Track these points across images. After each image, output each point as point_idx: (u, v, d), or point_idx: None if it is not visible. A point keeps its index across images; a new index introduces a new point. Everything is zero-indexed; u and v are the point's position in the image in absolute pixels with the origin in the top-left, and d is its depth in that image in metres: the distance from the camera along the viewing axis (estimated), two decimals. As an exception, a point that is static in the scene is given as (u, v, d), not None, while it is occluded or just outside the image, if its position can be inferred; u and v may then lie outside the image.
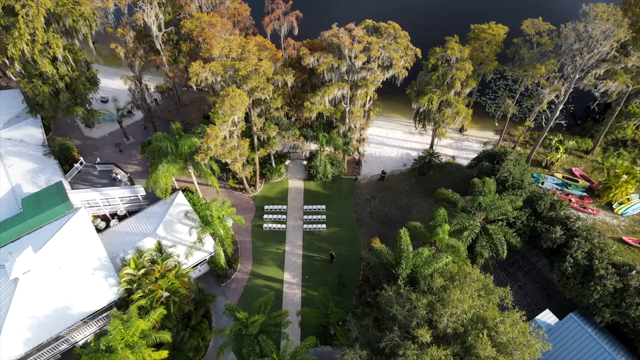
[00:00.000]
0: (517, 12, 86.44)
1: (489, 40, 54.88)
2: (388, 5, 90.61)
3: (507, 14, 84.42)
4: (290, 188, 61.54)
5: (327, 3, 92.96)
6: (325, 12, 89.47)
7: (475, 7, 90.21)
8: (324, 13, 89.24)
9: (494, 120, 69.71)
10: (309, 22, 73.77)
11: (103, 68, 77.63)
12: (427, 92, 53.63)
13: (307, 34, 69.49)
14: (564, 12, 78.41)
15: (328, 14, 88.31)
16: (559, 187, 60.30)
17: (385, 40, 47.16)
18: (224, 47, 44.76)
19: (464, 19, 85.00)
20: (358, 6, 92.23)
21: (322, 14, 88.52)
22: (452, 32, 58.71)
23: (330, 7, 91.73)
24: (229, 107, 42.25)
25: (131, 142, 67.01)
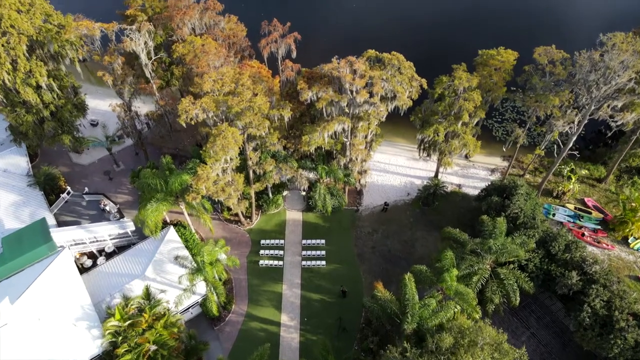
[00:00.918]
0: (526, 32, 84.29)
1: (497, 67, 51.86)
2: (391, 30, 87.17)
3: (515, 35, 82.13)
4: (288, 220, 58.44)
5: (328, 25, 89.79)
6: (326, 34, 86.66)
7: (482, 29, 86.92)
8: (324, 35, 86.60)
9: (501, 145, 66.50)
10: (308, 44, 70.87)
11: (94, 88, 74.60)
12: (433, 123, 50.61)
13: (306, 55, 66.54)
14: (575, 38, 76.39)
15: (328, 36, 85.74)
16: (571, 220, 57.23)
17: (388, 72, 44.12)
18: (216, 81, 41.69)
19: (470, 40, 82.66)
20: (361, 30, 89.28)
21: (321, 35, 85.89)
22: (458, 54, 55.98)
23: (330, 30, 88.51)
24: (221, 147, 39.20)
25: (121, 169, 63.92)
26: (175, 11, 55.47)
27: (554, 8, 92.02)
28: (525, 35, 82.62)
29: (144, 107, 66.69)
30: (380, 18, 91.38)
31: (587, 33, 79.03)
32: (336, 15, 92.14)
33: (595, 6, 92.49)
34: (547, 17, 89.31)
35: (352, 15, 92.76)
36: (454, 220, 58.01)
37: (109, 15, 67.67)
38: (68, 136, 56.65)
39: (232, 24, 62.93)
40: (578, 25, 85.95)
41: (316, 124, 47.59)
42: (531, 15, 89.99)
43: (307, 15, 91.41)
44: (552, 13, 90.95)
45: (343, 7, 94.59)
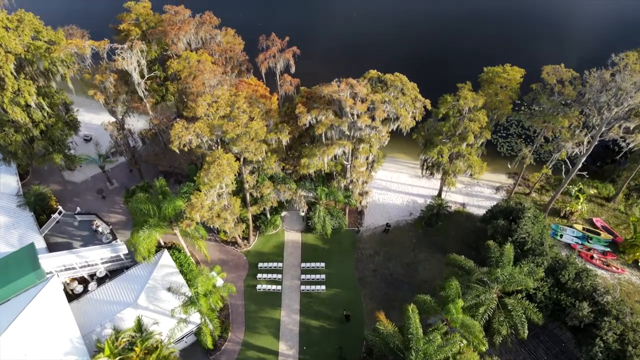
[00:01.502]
0: (533, 45, 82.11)
1: (503, 85, 49.96)
2: (392, 39, 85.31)
3: (521, 48, 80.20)
4: (286, 241, 56.52)
5: (328, 35, 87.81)
6: (325, 45, 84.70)
7: (485, 36, 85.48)
8: (324, 45, 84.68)
9: (506, 162, 64.70)
10: (308, 54, 69.06)
11: (88, 102, 72.55)
12: (437, 144, 48.73)
13: (306, 68, 64.70)
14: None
15: (328, 47, 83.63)
16: (579, 241, 55.32)
17: (391, 93, 42.24)
18: (211, 105, 39.80)
19: (473, 47, 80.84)
20: (361, 39, 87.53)
21: (321, 45, 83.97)
22: (460, 60, 54.13)
23: (330, 41, 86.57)
24: (216, 175, 37.31)
25: (115, 187, 62.03)
26: (170, 26, 53.68)
27: (561, 20, 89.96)
28: (532, 49, 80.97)
29: (138, 124, 64.97)
30: (380, 27, 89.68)
31: (598, 46, 77.61)
32: (336, 25, 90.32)
33: (605, 21, 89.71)
34: (555, 29, 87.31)
35: (352, 24, 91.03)
36: (458, 242, 56.24)
37: (105, 24, 66.15)
38: (59, 155, 54.79)
39: (229, 37, 61.13)
40: (587, 37, 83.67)
41: (315, 146, 45.66)
42: (537, 27, 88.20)
43: (307, 26, 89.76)
44: (559, 25, 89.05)
45: (343, 17, 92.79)
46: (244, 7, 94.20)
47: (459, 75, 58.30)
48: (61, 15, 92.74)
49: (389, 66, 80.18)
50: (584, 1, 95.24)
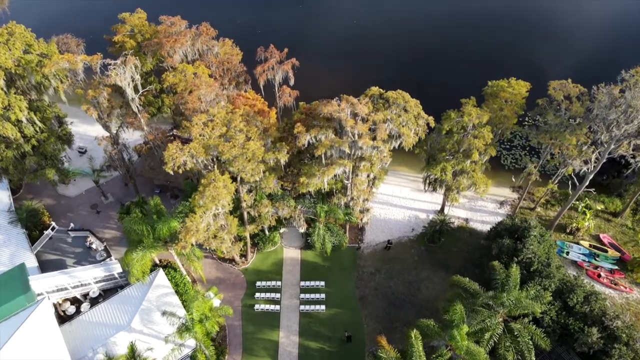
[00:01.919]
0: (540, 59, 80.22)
1: (508, 100, 48.55)
2: (392, 47, 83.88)
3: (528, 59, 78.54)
4: (285, 259, 55.06)
5: (328, 43, 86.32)
6: (325, 53, 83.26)
7: (489, 43, 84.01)
8: (324, 53, 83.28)
9: (510, 175, 63.29)
10: (307, 63, 67.71)
11: (82, 112, 69.94)
12: (440, 161, 47.29)
13: (305, 79, 63.34)
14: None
15: (328, 55, 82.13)
16: (586, 259, 53.85)
17: (393, 111, 40.79)
18: (207, 125, 38.35)
19: (476, 54, 79.28)
20: (361, 48, 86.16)
21: (321, 53, 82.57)
22: (466, 80, 52.77)
23: (330, 48, 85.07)
24: (211, 198, 35.85)
25: (110, 202, 60.57)
26: (166, 38, 52.29)
27: (567, 30, 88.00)
28: (538, 60, 79.04)
29: (134, 136, 63.44)
30: (381, 35, 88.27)
31: (606, 59, 75.60)
32: (336, 32, 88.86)
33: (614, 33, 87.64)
34: (560, 38, 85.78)
35: (352, 31, 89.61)
36: (461, 259, 54.80)
37: (102, 30, 64.79)
38: (52, 170, 53.32)
39: (226, 47, 59.77)
40: (595, 48, 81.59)
41: (315, 164, 44.16)
42: (542, 36, 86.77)
43: (307, 33, 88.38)
44: (565, 34, 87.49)
45: (343, 24, 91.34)
46: (242, 14, 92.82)
47: (463, 87, 57.07)
48: (57, 23, 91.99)
49: (390, 75, 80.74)
50: (591, 12, 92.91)
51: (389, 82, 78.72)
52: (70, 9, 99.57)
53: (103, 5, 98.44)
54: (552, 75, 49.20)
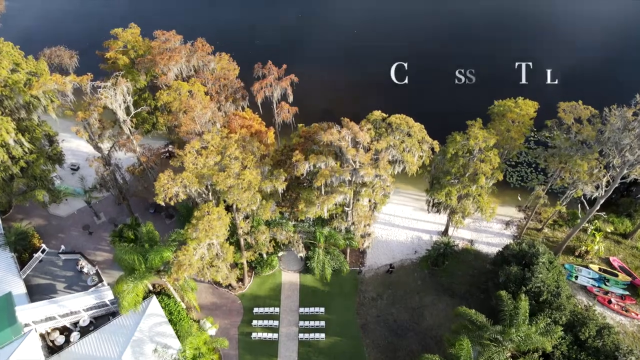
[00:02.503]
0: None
1: (516, 120, 46.60)
2: (393, 56, 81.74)
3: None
4: (284, 283, 53.09)
5: (328, 53, 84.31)
6: (325, 63, 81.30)
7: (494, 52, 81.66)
8: (323, 64, 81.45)
9: (516, 193, 61.43)
10: (307, 76, 65.99)
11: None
12: (445, 185, 45.35)
13: (305, 94, 61.53)
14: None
15: (328, 67, 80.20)
16: (595, 284, 51.88)
17: (396, 137, 38.88)
18: (200, 153, 36.41)
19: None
20: (362, 58, 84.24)
21: (320, 65, 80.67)
22: (472, 95, 50.82)
23: (330, 59, 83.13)
24: (204, 233, 33.92)
25: (102, 222, 58.64)
26: (159, 56, 50.36)
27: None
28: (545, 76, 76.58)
29: (127, 155, 61.48)
30: (383, 45, 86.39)
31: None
32: (336, 43, 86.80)
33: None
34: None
35: (352, 40, 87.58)
36: (466, 284, 52.82)
37: (96, 41, 62.84)
38: (42, 191, 51.42)
39: (223, 62, 57.90)
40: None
41: (314, 189, 42.19)
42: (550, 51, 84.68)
43: (306, 42, 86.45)
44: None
45: (343, 32, 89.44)
46: (241, 24, 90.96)
47: (469, 103, 55.06)
48: (53, 28, 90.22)
49: (392, 88, 78.84)
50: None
51: (390, 95, 78.90)
52: (65, 13, 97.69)
53: (100, 10, 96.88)
54: (561, 92, 47.35)
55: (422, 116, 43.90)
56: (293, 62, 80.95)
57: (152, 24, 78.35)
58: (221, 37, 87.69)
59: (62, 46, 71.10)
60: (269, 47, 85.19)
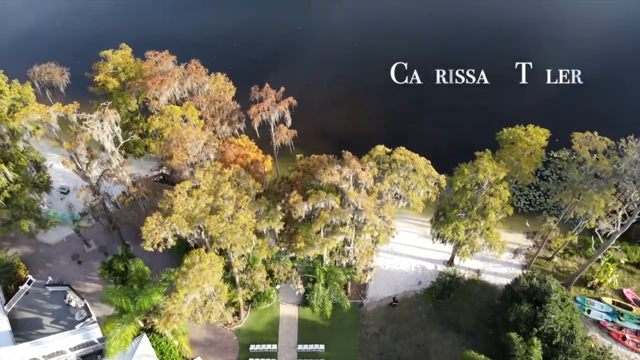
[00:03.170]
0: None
1: (526, 150, 44.13)
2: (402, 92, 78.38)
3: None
4: (281, 317, 50.56)
5: (327, 67, 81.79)
6: (325, 78, 78.86)
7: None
8: (323, 78, 79.20)
9: (524, 219, 58.98)
10: (306, 97, 63.67)
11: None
12: (452, 220, 42.89)
13: (304, 111, 59.05)
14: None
15: (328, 82, 77.84)
16: (609, 318, 49.42)
17: (400, 174, 36.43)
18: (191, 193, 33.93)
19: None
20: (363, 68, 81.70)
21: (320, 80, 78.38)
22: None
23: (330, 72, 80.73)
24: (195, 283, 31.43)
25: (92, 250, 56.17)
26: (151, 80, 47.87)
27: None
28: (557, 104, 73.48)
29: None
30: (385, 62, 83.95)
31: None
32: (337, 57, 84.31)
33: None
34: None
35: (353, 53, 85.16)
36: (473, 318, 50.27)
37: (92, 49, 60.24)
38: (27, 221, 49.03)
39: (219, 83, 55.50)
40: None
41: (313, 223, 39.63)
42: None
43: (306, 58, 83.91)
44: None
45: (344, 45, 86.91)
46: (238, 37, 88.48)
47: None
48: (42, 48, 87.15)
49: (396, 108, 76.59)
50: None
51: (394, 115, 76.43)
52: (57, 25, 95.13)
53: (94, 22, 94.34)
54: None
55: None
56: (292, 75, 79.22)
57: (147, 36, 76.30)
58: (217, 50, 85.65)
59: (52, 63, 68.54)
60: (267, 61, 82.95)
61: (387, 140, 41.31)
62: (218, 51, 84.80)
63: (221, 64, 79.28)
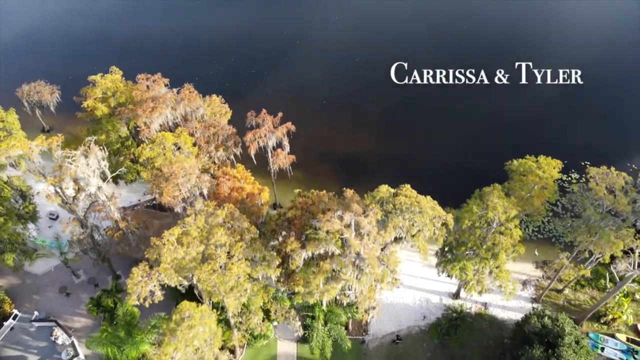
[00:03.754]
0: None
1: (540, 184, 41.72)
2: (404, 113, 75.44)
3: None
4: (279, 355, 47.95)
5: (329, 93, 78.81)
6: (326, 108, 75.99)
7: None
8: (322, 94, 76.70)
9: (532, 247, 56.45)
10: (305, 116, 61.39)
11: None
12: (460, 258, 40.43)
13: (303, 135, 56.62)
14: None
15: (329, 113, 74.87)
16: (623, 357, 46.96)
17: (405, 217, 33.99)
18: (180, 241, 31.48)
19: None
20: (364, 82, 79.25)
21: (321, 104, 75.75)
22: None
23: (332, 106, 77.19)
24: (184, 343, 28.95)
25: (81, 281, 53.66)
26: (141, 108, 45.44)
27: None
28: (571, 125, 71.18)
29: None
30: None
31: None
32: (336, 75, 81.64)
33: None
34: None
35: (353, 66, 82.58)
36: (481, 356, 47.90)
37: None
38: (11, 255, 46.57)
39: (214, 105, 53.25)
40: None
41: (313, 265, 37.21)
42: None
43: (305, 76, 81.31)
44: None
45: (343, 59, 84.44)
46: (234, 53, 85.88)
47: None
48: (32, 62, 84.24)
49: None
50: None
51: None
52: (51, 40, 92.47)
53: (88, 36, 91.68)
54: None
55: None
56: (291, 91, 76.88)
57: (141, 45, 72.99)
58: (214, 65, 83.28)
59: (42, 80, 66.20)
60: (264, 76, 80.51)
61: (388, 157, 39.31)
62: (215, 67, 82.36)
63: (217, 81, 77.62)
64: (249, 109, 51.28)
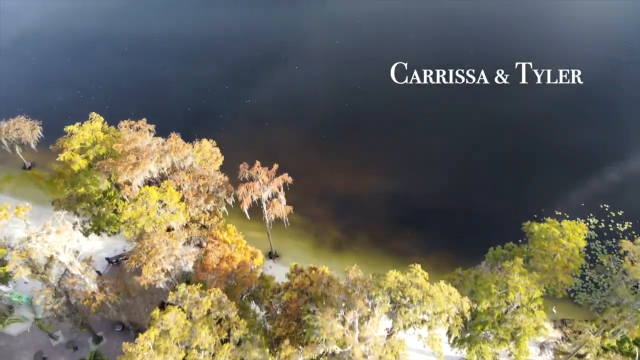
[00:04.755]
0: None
1: (563, 256, 37.42)
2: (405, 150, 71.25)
3: None
4: None
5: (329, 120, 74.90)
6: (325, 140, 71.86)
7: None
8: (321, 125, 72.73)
9: (549, 304, 51.99)
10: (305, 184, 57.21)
11: (36, 209, 59.80)
12: (476, 341, 36.16)
13: (300, 194, 52.72)
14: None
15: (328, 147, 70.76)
16: None
17: (416, 312, 29.75)
18: (156, 347, 27.17)
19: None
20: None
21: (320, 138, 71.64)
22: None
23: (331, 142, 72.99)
24: None
25: (60, 344, 49.26)
26: (122, 165, 41.12)
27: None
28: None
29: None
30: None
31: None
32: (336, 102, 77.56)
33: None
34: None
35: (352, 110, 77.15)
36: None
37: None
38: (-20, 321, 42.26)
39: (204, 151, 48.98)
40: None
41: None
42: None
43: (304, 104, 77.21)
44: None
45: (343, 90, 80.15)
46: (228, 79, 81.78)
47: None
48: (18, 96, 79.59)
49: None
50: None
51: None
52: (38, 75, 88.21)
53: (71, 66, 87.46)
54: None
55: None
56: (290, 118, 73.03)
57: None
58: (207, 93, 79.30)
59: (22, 116, 62.00)
60: (260, 105, 76.38)
61: (390, 194, 35.14)
62: (208, 95, 78.37)
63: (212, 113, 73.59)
64: (244, 142, 47.70)
